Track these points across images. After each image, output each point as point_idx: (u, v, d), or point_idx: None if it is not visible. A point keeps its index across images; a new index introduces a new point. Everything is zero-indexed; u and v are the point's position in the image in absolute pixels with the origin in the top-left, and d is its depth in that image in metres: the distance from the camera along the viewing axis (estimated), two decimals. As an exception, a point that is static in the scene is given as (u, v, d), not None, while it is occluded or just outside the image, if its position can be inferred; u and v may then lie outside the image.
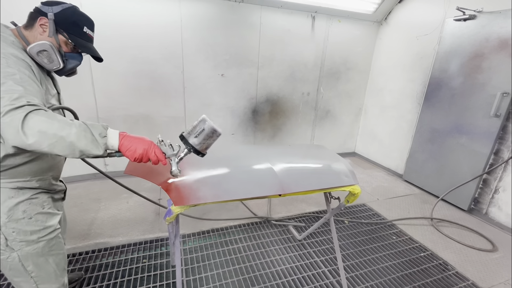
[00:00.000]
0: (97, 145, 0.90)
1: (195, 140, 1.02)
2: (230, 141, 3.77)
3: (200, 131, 1.01)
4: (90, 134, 0.89)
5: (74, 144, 0.86)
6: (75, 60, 1.15)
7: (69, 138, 0.85)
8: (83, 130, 0.88)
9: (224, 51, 3.33)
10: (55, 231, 1.15)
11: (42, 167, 1.09)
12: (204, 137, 1.02)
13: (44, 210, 1.11)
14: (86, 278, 1.80)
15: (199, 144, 1.03)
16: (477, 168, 2.78)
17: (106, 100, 3.02)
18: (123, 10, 2.80)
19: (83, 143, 0.87)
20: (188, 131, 1.04)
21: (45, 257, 1.12)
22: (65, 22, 1.07)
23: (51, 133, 0.83)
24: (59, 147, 0.85)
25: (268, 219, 2.57)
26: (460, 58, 2.88)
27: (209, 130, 1.01)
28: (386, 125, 4.00)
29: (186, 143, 1.03)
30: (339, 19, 3.72)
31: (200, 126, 1.02)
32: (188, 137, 1.03)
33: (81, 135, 0.87)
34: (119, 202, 2.76)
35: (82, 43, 1.13)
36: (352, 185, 1.48)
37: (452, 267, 2.09)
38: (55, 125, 0.83)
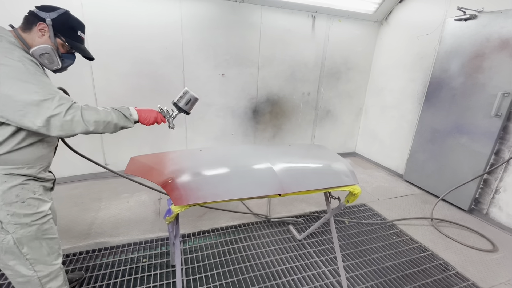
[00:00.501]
0: (130, 121, 1.30)
1: (183, 104, 1.49)
2: (231, 141, 3.77)
3: (187, 99, 1.49)
4: (123, 115, 1.26)
5: (117, 124, 1.23)
6: (70, 60, 1.30)
7: (114, 121, 1.21)
8: (118, 114, 1.24)
9: (224, 51, 3.34)
10: (47, 216, 1.23)
11: (32, 156, 1.16)
12: (186, 101, 1.49)
13: (35, 196, 1.18)
14: (86, 278, 1.81)
15: (186, 106, 1.50)
16: (477, 168, 2.77)
17: (107, 99, 3.02)
18: (123, 10, 2.80)
19: (122, 122, 1.25)
20: (177, 99, 1.50)
21: (39, 240, 1.20)
22: (62, 27, 1.20)
23: (102, 121, 1.16)
24: (109, 128, 1.21)
25: (268, 218, 2.57)
26: (461, 58, 2.88)
27: (190, 96, 1.50)
28: (387, 125, 3.99)
29: (177, 106, 1.50)
30: (339, 19, 3.72)
31: (183, 95, 1.49)
32: (179, 103, 1.49)
33: (120, 117, 1.25)
34: (119, 201, 2.77)
35: (77, 46, 1.28)
36: (352, 185, 1.48)
37: (453, 267, 2.09)
38: (102, 114, 1.17)
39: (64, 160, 1.76)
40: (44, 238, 1.22)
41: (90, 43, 2.77)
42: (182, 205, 1.18)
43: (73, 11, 2.74)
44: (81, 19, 2.75)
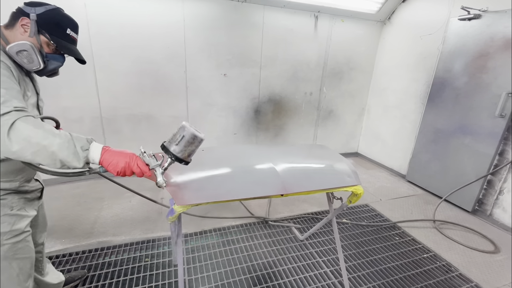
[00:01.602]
0: (78, 158, 0.90)
1: (176, 148, 0.99)
2: (233, 141, 3.77)
3: (180, 139, 0.98)
4: (73, 146, 0.89)
5: (56, 154, 0.87)
6: (57, 61, 1.13)
7: (51, 148, 0.85)
8: (66, 141, 0.88)
9: (226, 51, 3.34)
10: (22, 234, 1.11)
11: (10, 168, 1.05)
12: (185, 144, 0.99)
13: (12, 212, 1.07)
14: (89, 276, 1.82)
15: (181, 151, 0.99)
16: (481, 169, 2.75)
17: (109, 99, 3.04)
18: (126, 10, 2.81)
19: (64, 153, 0.88)
20: (169, 140, 1.01)
21: (9, 261, 1.08)
22: (47, 23, 1.06)
23: (34, 142, 0.83)
24: (41, 156, 0.86)
25: (266, 220, 2.56)
26: (465, 58, 2.86)
27: (189, 136, 0.98)
28: (389, 125, 3.97)
29: (167, 152, 1.00)
30: (342, 18, 3.71)
31: (180, 133, 0.99)
32: (169, 146, 1.00)
33: (64, 146, 0.88)
34: (122, 201, 2.78)
35: (64, 45, 1.12)
36: (355, 186, 1.47)
37: (456, 268, 2.08)
38: (39, 134, 0.84)
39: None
40: (15, 258, 1.09)
41: (93, 43, 2.78)
42: (184, 205, 1.18)
43: (76, 11, 2.77)
44: (84, 19, 2.74)
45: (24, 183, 1.12)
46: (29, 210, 1.16)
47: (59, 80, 2.75)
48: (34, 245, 1.31)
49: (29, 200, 1.17)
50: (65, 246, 2.09)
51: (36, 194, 1.23)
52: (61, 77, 2.29)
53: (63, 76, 2.33)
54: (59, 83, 2.74)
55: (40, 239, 1.40)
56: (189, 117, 3.44)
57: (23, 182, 1.12)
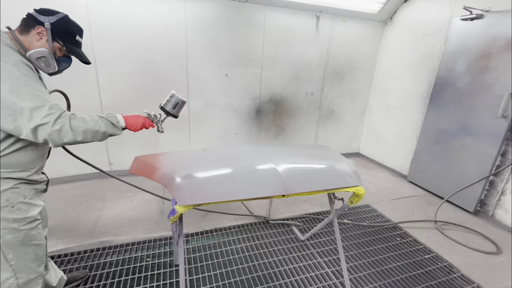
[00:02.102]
0: (117, 128, 1.28)
1: (169, 107, 1.49)
2: (234, 141, 3.77)
3: (174, 102, 1.49)
4: (111, 123, 1.25)
5: (105, 132, 1.22)
6: (66, 63, 1.29)
7: (102, 129, 1.20)
8: (105, 121, 1.23)
9: (228, 51, 3.34)
10: (35, 221, 1.21)
11: (23, 160, 1.14)
12: (173, 104, 1.50)
13: (25, 200, 1.16)
14: (90, 276, 1.82)
15: (172, 109, 1.50)
16: (483, 169, 2.74)
17: (111, 99, 3.04)
18: (128, 10, 2.82)
19: (110, 130, 1.24)
20: (165, 103, 1.50)
21: (25, 247, 1.18)
22: (60, 32, 1.20)
23: (90, 130, 1.15)
24: (97, 136, 1.20)
25: (267, 219, 2.56)
26: (467, 58, 2.85)
27: (177, 99, 1.50)
28: (391, 125, 3.96)
29: (164, 110, 1.50)
30: (343, 18, 3.70)
31: (171, 98, 1.49)
32: (165, 106, 1.49)
33: (108, 125, 1.23)
34: (123, 201, 2.79)
35: (75, 50, 1.28)
36: (356, 186, 1.47)
37: (457, 269, 2.07)
38: (90, 124, 1.15)
39: (69, 159, 1.77)
40: (31, 244, 1.20)
41: (95, 43, 2.79)
42: (186, 205, 1.18)
43: (78, 11, 2.78)
44: (86, 19, 2.77)
45: (34, 174, 1.21)
46: (38, 201, 1.26)
47: (61, 79, 2.76)
48: None
49: (38, 191, 1.26)
50: (67, 246, 2.09)
51: (43, 187, 1.32)
52: (63, 77, 2.30)
53: (64, 76, 2.34)
54: (61, 82, 2.73)
55: (43, 232, 1.45)
56: (190, 117, 3.44)
57: (34, 173, 1.21)
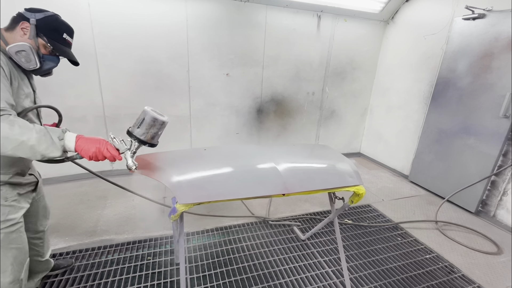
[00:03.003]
0: (56, 147, 0.99)
1: (138, 131, 1.06)
2: (235, 141, 3.78)
3: (141, 121, 1.05)
4: (50, 137, 0.98)
5: (35, 147, 0.95)
6: (52, 62, 1.23)
7: (30, 142, 0.94)
8: (43, 134, 0.97)
9: (229, 50, 3.34)
10: (16, 225, 1.18)
11: (4, 161, 1.12)
12: (146, 127, 1.05)
13: (6, 203, 1.14)
14: (92, 274, 1.83)
15: (143, 134, 1.06)
16: (485, 169, 2.73)
17: (112, 98, 3.06)
18: (130, 10, 2.83)
19: (43, 146, 0.97)
20: (133, 124, 1.08)
21: (4, 250, 1.15)
22: (45, 28, 1.16)
23: (13, 138, 0.91)
24: (22, 150, 0.94)
25: (266, 219, 2.56)
26: (469, 58, 2.84)
27: (149, 119, 1.05)
28: (392, 125, 3.96)
29: (131, 135, 1.07)
30: (345, 18, 3.69)
31: (141, 117, 1.06)
32: (133, 130, 1.07)
33: (41, 139, 0.96)
34: (125, 199, 2.80)
35: (60, 47, 1.22)
36: (357, 186, 1.47)
37: (458, 269, 2.06)
38: (16, 131, 0.92)
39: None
40: (10, 248, 1.17)
41: (96, 42, 2.80)
42: (187, 203, 1.19)
43: (80, 11, 2.79)
44: (88, 18, 2.77)
45: (16, 176, 1.19)
46: (23, 202, 1.23)
47: (63, 79, 2.78)
48: (34, 233, 1.46)
49: (22, 193, 1.24)
50: (69, 244, 2.11)
51: (30, 187, 1.30)
52: (65, 76, 2.31)
53: (66, 75, 2.36)
54: (63, 82, 2.76)
55: (41, 227, 1.52)
56: (191, 116, 3.45)
57: (16, 175, 1.18)
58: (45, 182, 3.00)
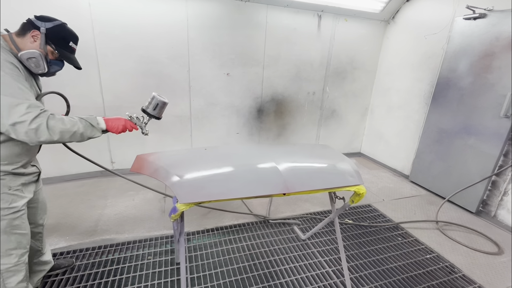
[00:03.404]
0: (96, 130, 1.33)
1: (150, 110, 1.50)
2: (235, 140, 3.78)
3: (152, 104, 1.49)
4: (90, 124, 1.30)
5: (83, 133, 1.27)
6: (58, 66, 1.36)
7: (80, 130, 1.25)
8: (85, 123, 1.28)
9: (230, 50, 3.34)
10: (19, 212, 1.28)
11: (9, 153, 1.21)
12: (154, 106, 1.50)
13: (10, 191, 1.23)
14: (92, 274, 1.83)
15: (153, 111, 1.51)
16: (485, 169, 2.73)
17: (113, 98, 3.06)
18: (130, 9, 2.83)
19: (88, 131, 1.29)
20: (146, 106, 1.51)
21: (8, 235, 1.25)
22: (54, 37, 1.28)
23: (67, 130, 1.20)
24: (75, 137, 1.24)
25: (266, 219, 2.56)
26: (470, 58, 2.83)
27: (159, 101, 1.50)
28: (393, 125, 3.95)
29: (146, 112, 1.51)
30: (345, 18, 3.69)
31: (152, 101, 1.50)
32: (147, 109, 1.51)
33: (86, 127, 1.28)
34: (125, 199, 2.80)
35: (66, 55, 1.35)
36: (357, 185, 1.47)
37: (459, 269, 2.06)
38: (67, 125, 1.20)
39: (71, 157, 1.78)
40: (13, 233, 1.26)
41: (97, 42, 2.80)
42: (187, 203, 1.19)
43: (81, 10, 2.79)
44: (88, 18, 2.79)
45: (20, 167, 1.28)
46: (26, 192, 1.33)
47: (64, 78, 2.78)
48: (35, 225, 1.54)
49: (26, 182, 1.33)
50: (69, 243, 2.11)
51: (33, 178, 1.40)
52: (66, 76, 2.31)
53: (67, 75, 2.36)
54: (64, 81, 2.76)
55: (41, 220, 1.58)
56: (192, 116, 3.45)
57: (20, 166, 1.28)
58: (46, 182, 3.01)
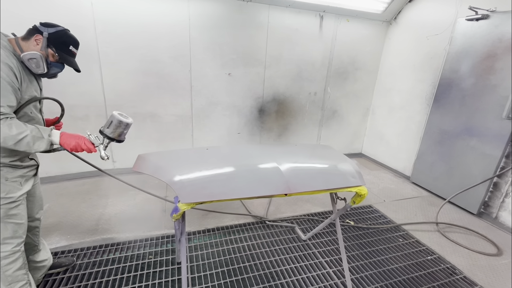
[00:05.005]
0: (44, 142, 1.26)
1: (107, 131, 1.33)
2: (236, 140, 3.78)
3: (109, 123, 1.32)
4: (41, 135, 1.25)
5: (29, 143, 1.22)
6: (58, 68, 1.42)
7: (26, 139, 1.21)
8: (36, 133, 1.24)
9: (231, 50, 3.34)
10: (15, 202, 1.33)
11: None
12: (113, 128, 1.32)
13: (7, 182, 1.30)
14: (93, 273, 1.84)
15: (111, 133, 1.33)
16: (487, 171, 2.72)
17: (115, 97, 3.06)
18: (133, 9, 2.83)
19: (36, 143, 1.24)
20: (104, 126, 1.35)
21: (4, 223, 1.32)
22: (55, 41, 1.36)
23: (10, 137, 1.17)
24: (20, 145, 1.20)
25: (263, 219, 2.56)
26: (472, 59, 2.83)
27: (116, 121, 1.32)
28: (394, 126, 3.94)
29: (102, 134, 1.35)
30: (347, 18, 3.69)
31: (109, 119, 1.33)
32: (103, 130, 1.34)
33: (35, 138, 1.23)
34: (126, 198, 2.80)
35: (65, 58, 1.41)
36: (359, 186, 1.46)
37: (460, 271, 2.06)
38: (14, 131, 1.17)
39: (72, 156, 1.78)
40: (9, 222, 1.33)
41: (99, 41, 2.81)
42: (189, 203, 1.19)
43: (83, 9, 2.79)
44: (91, 17, 2.80)
45: (17, 160, 1.34)
46: (24, 184, 1.38)
47: (66, 78, 2.77)
48: (31, 219, 1.57)
49: (24, 175, 1.38)
50: (70, 242, 2.11)
51: (32, 171, 1.44)
52: (67, 75, 2.30)
53: (69, 74, 2.35)
54: (66, 81, 2.76)
55: (37, 214, 1.63)
56: (193, 116, 3.45)
57: (17, 159, 1.33)
58: (47, 180, 3.02)
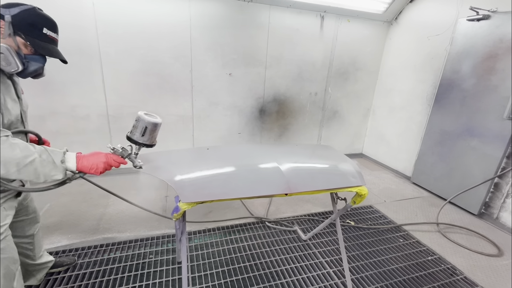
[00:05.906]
0: (57, 169, 0.99)
1: (143, 139, 1.15)
2: (237, 140, 3.78)
3: (143, 130, 1.13)
4: (52, 160, 0.97)
5: (37, 170, 0.93)
6: (37, 62, 1.09)
7: (34, 164, 0.92)
8: (46, 157, 0.95)
9: (232, 50, 3.35)
10: (3, 233, 1.09)
11: None
12: (149, 133, 1.15)
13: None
14: (94, 272, 1.84)
15: (148, 139, 1.17)
16: (488, 171, 2.71)
17: (116, 97, 3.07)
18: (134, 9, 2.84)
19: (46, 169, 0.95)
20: (131, 131, 1.15)
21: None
22: (22, 24, 1.02)
23: (15, 162, 0.88)
24: (26, 172, 0.91)
25: (263, 220, 2.56)
26: (473, 59, 2.82)
27: (151, 126, 1.14)
28: (395, 126, 3.94)
29: (134, 142, 1.16)
30: (348, 18, 3.69)
31: (140, 124, 1.13)
32: (138, 139, 1.15)
33: (44, 163, 0.94)
34: (127, 198, 2.80)
35: (41, 45, 1.07)
36: (359, 186, 1.47)
37: (461, 272, 2.05)
38: (17, 154, 0.89)
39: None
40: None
41: (100, 41, 2.82)
42: (189, 202, 1.19)
43: (85, 10, 2.80)
44: (92, 18, 2.79)
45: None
46: (9, 210, 1.15)
47: (67, 77, 2.80)
48: (23, 237, 1.39)
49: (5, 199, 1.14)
50: (71, 242, 2.12)
51: (11, 193, 1.19)
52: (68, 75, 2.33)
53: (70, 74, 2.38)
54: (67, 80, 2.78)
55: (29, 231, 1.46)
56: (194, 116, 3.46)
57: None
58: (48, 180, 3.02)
